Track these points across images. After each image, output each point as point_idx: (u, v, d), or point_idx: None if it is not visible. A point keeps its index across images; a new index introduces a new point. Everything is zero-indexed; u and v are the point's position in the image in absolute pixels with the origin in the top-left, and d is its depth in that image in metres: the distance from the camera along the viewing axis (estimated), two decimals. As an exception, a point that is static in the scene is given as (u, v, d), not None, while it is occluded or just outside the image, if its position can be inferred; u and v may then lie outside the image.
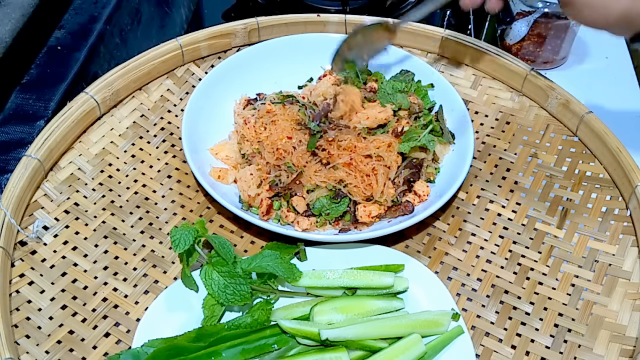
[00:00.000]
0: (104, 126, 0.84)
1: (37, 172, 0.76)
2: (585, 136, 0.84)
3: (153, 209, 0.77)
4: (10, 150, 0.78)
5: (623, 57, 1.11)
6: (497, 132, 0.87)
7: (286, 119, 0.79)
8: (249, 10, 1.20)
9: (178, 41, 0.89)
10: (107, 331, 0.67)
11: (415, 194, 0.77)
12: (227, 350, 0.63)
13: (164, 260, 0.73)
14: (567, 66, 1.09)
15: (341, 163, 0.75)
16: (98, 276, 0.71)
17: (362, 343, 0.64)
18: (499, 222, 0.77)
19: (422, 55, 0.94)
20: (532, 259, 0.74)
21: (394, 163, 0.76)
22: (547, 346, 0.68)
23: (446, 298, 0.69)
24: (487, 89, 0.91)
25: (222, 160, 0.81)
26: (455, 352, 0.65)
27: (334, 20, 0.93)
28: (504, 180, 0.82)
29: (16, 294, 0.69)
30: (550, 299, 0.71)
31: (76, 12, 0.94)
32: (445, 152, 0.81)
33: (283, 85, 0.88)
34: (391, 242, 0.75)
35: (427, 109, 0.84)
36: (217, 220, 0.77)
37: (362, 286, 0.68)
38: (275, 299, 0.68)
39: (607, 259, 0.74)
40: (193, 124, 0.79)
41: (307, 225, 0.74)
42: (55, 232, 0.74)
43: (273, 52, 0.89)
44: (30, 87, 0.84)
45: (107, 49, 0.93)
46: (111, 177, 0.80)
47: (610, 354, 0.67)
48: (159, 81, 0.89)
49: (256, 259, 0.67)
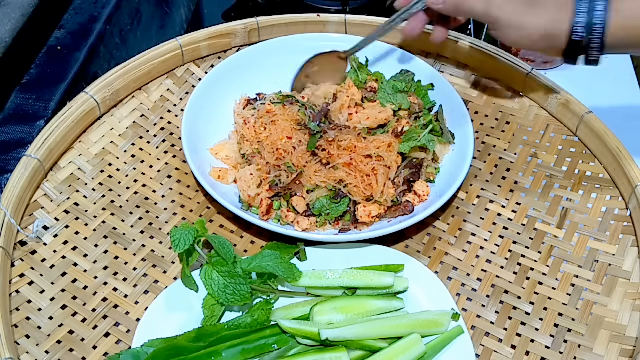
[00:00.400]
0: (104, 126, 0.84)
1: (37, 172, 0.76)
2: (585, 136, 0.84)
3: (153, 209, 0.77)
4: (10, 150, 0.78)
5: (623, 57, 1.11)
6: (497, 132, 0.87)
7: (286, 119, 0.79)
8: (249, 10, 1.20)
9: (178, 41, 0.89)
10: (107, 331, 0.67)
11: (415, 194, 0.77)
12: (227, 350, 0.63)
13: (164, 260, 0.73)
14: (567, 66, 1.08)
15: (341, 163, 0.75)
16: (98, 276, 0.71)
17: (362, 343, 0.64)
18: (499, 222, 0.77)
19: (422, 55, 0.94)
20: (532, 259, 0.74)
21: (394, 163, 0.76)
22: (547, 346, 0.68)
23: (446, 298, 0.69)
24: (487, 89, 0.91)
25: (222, 160, 0.81)
26: (455, 352, 0.65)
27: (334, 20, 0.93)
28: (504, 180, 0.82)
29: (16, 294, 0.69)
30: (550, 299, 0.71)
31: (76, 12, 0.94)
32: (445, 152, 0.81)
33: (283, 85, 0.88)
34: (391, 242, 0.75)
35: (427, 109, 0.84)
36: (217, 220, 0.77)
37: (362, 286, 0.68)
38: (275, 299, 0.68)
39: (607, 259, 0.74)
40: (193, 124, 0.79)
41: (307, 225, 0.74)
42: (55, 232, 0.74)
43: (273, 52, 0.89)
44: (30, 87, 0.84)
45: (107, 49, 0.93)
46: (111, 177, 0.80)
47: (610, 354, 0.67)
48: (159, 81, 0.89)
49: (256, 259, 0.67)
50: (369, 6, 1.15)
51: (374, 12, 1.10)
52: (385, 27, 0.83)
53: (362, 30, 0.92)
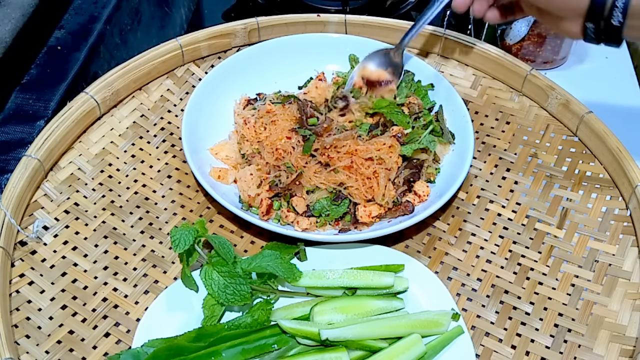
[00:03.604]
0: (104, 126, 0.84)
1: (37, 172, 0.76)
2: (585, 136, 0.84)
3: (153, 209, 0.77)
4: (10, 150, 0.78)
5: (623, 57, 1.11)
6: (497, 132, 0.87)
7: (285, 119, 0.79)
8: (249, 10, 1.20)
9: (178, 41, 0.89)
10: (107, 331, 0.67)
11: (416, 194, 0.77)
12: (227, 350, 0.63)
13: (164, 260, 0.73)
14: (567, 66, 1.09)
15: (341, 166, 0.75)
16: (98, 276, 0.71)
17: (362, 343, 0.64)
18: (499, 222, 0.77)
19: (422, 55, 0.94)
20: (532, 259, 0.74)
21: (394, 165, 0.76)
22: (547, 346, 0.68)
23: (446, 298, 0.69)
24: (487, 89, 0.91)
25: (222, 160, 0.81)
26: (455, 352, 0.65)
27: (334, 20, 0.93)
28: (504, 180, 0.82)
29: (16, 294, 0.69)
30: (550, 299, 0.71)
31: (76, 12, 0.94)
32: (445, 152, 0.81)
33: (283, 85, 0.88)
34: (391, 242, 0.75)
35: (427, 109, 0.84)
36: (217, 220, 0.77)
37: (362, 286, 0.68)
38: (275, 299, 0.68)
39: (607, 259, 0.74)
40: (193, 124, 0.79)
41: (307, 225, 0.74)
42: (55, 232, 0.74)
43: (273, 52, 0.89)
44: (30, 87, 0.84)
45: (107, 49, 0.93)
46: (111, 177, 0.80)
47: (610, 354, 0.67)
48: (159, 81, 0.89)
49: (256, 259, 0.67)
50: (369, 6, 1.15)
51: (374, 12, 1.10)
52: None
53: (362, 30, 0.92)
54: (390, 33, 0.92)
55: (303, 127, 0.78)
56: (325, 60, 0.89)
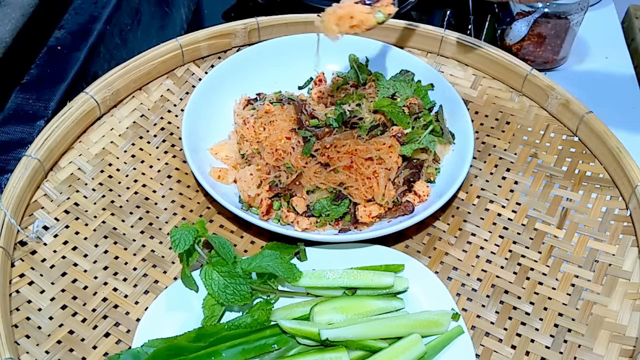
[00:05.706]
0: (104, 126, 0.84)
1: (37, 172, 0.76)
2: (585, 136, 0.84)
3: (153, 209, 0.77)
4: (10, 150, 0.78)
5: (623, 57, 1.11)
6: (497, 132, 0.87)
7: (285, 119, 0.79)
8: (249, 10, 1.20)
9: (178, 41, 0.89)
10: (107, 331, 0.67)
11: (416, 194, 0.77)
12: (227, 350, 0.63)
13: (164, 260, 0.73)
14: (567, 66, 1.09)
15: (341, 166, 0.75)
16: (98, 276, 0.71)
17: (362, 343, 0.64)
18: (499, 222, 0.77)
19: (422, 55, 0.94)
20: (532, 259, 0.74)
21: (394, 165, 0.76)
22: (547, 346, 0.68)
23: (446, 298, 0.69)
24: (487, 89, 0.91)
25: (222, 160, 0.81)
26: (455, 352, 0.65)
27: (334, 20, 0.93)
28: (504, 180, 0.82)
29: (16, 294, 0.69)
30: (550, 299, 0.71)
31: (76, 12, 0.94)
32: (445, 152, 0.81)
33: (283, 85, 0.88)
34: (391, 242, 0.75)
35: (427, 109, 0.84)
36: (217, 220, 0.77)
37: (362, 286, 0.68)
38: (275, 299, 0.68)
39: (607, 259, 0.74)
40: (193, 124, 0.79)
41: (307, 225, 0.74)
42: (55, 232, 0.74)
43: (273, 52, 0.89)
44: (30, 87, 0.84)
45: (107, 49, 0.93)
46: (111, 177, 0.80)
47: (610, 354, 0.67)
48: (159, 81, 0.89)
49: (256, 259, 0.67)
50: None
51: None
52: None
53: (362, 30, 0.92)
54: (390, 33, 0.92)
55: (303, 127, 0.78)
56: (325, 60, 0.89)
